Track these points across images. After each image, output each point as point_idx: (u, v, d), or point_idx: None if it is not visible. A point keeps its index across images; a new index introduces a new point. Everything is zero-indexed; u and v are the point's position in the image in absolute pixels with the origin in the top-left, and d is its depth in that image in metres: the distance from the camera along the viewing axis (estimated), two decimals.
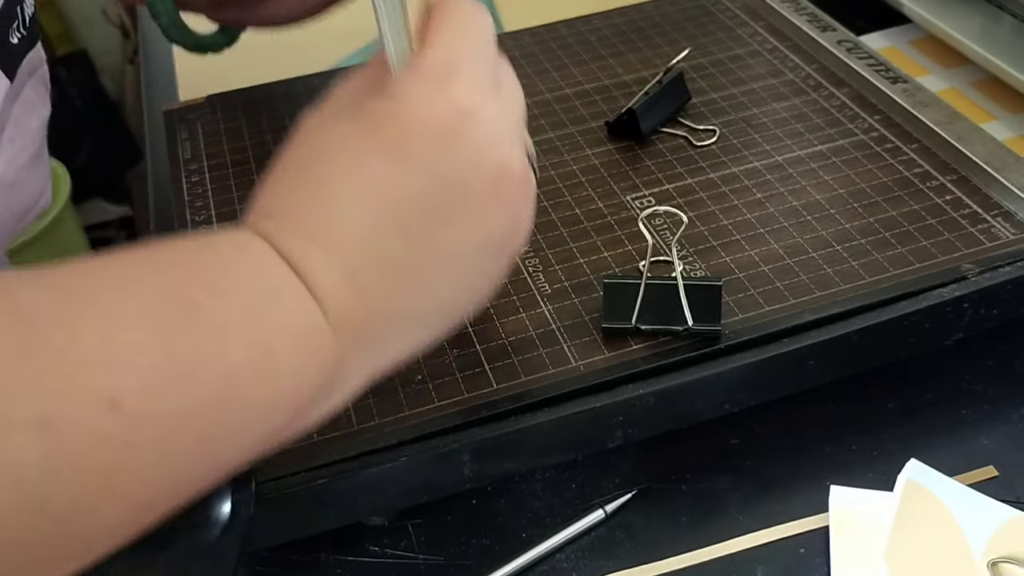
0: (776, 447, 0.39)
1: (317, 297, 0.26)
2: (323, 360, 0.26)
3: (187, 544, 0.30)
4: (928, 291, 0.38)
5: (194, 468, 0.25)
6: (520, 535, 0.36)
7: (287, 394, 0.26)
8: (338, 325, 0.26)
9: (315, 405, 0.27)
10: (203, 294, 0.24)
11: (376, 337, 0.28)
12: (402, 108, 0.28)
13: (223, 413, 0.24)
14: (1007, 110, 0.54)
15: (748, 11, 0.57)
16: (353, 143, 0.28)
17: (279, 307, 0.25)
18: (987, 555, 0.34)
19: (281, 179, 0.29)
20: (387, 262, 0.27)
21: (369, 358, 0.29)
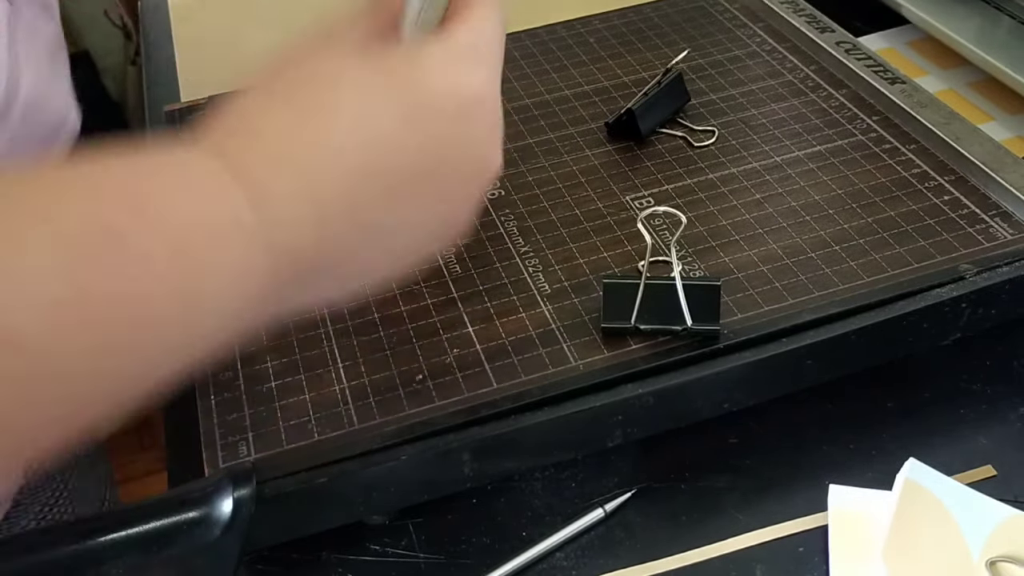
0: (775, 446, 0.39)
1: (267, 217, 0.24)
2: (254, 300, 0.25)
3: (188, 543, 0.31)
4: (926, 291, 0.38)
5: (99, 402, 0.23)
6: (520, 534, 0.36)
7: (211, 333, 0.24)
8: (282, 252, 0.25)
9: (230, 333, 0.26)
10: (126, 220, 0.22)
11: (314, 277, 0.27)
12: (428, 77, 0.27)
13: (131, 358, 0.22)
14: (1005, 111, 0.54)
15: (747, 12, 0.58)
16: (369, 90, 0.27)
17: (215, 245, 0.23)
18: (985, 554, 0.34)
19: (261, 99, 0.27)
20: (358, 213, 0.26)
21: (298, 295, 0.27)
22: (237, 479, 0.32)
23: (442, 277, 0.41)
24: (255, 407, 0.36)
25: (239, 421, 0.35)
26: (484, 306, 0.39)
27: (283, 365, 0.37)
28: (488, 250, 0.42)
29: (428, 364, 0.37)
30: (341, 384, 0.36)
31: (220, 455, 0.34)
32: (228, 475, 0.32)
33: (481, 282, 0.40)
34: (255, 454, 0.34)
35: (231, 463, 0.34)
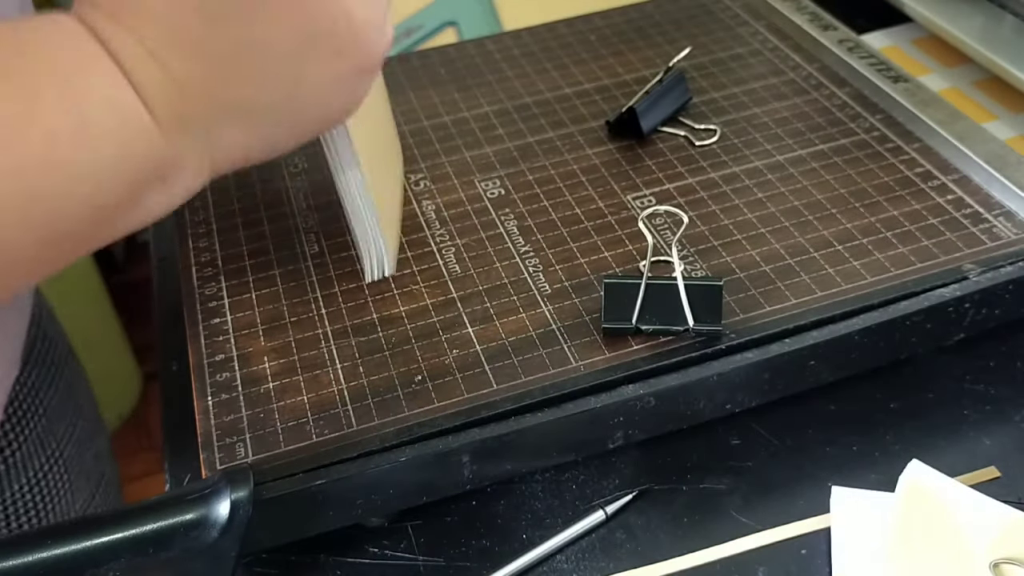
0: (777, 448, 0.39)
1: (124, 70, 0.26)
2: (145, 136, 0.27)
3: (185, 545, 0.30)
4: (930, 291, 0.38)
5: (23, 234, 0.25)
6: (520, 536, 0.36)
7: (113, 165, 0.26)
8: (152, 103, 0.27)
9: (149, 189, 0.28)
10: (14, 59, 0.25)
11: (201, 121, 0.28)
12: None
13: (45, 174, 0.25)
14: (1009, 109, 0.54)
15: (749, 10, 0.57)
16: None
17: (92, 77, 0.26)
18: (989, 556, 0.33)
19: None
20: (191, 45, 0.27)
21: (200, 146, 0.29)
22: (235, 481, 0.31)
23: (441, 277, 0.40)
24: (253, 408, 0.35)
25: (237, 422, 0.35)
26: (484, 306, 0.39)
27: (281, 366, 0.37)
28: (488, 250, 0.42)
29: (427, 365, 0.36)
30: (339, 385, 0.36)
31: (218, 456, 0.34)
32: (226, 477, 0.32)
33: (481, 282, 0.40)
34: (253, 456, 0.34)
35: (229, 465, 0.33)
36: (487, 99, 0.52)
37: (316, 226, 0.44)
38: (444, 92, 0.52)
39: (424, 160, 0.47)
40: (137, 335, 1.38)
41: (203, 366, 0.37)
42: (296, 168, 0.47)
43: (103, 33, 0.26)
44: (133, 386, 1.41)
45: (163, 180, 0.28)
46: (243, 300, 0.40)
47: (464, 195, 0.45)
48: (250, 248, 0.43)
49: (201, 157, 0.29)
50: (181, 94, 0.27)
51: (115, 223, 0.28)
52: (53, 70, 0.25)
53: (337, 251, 0.42)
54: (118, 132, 0.26)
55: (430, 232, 0.43)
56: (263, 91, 0.29)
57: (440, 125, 0.50)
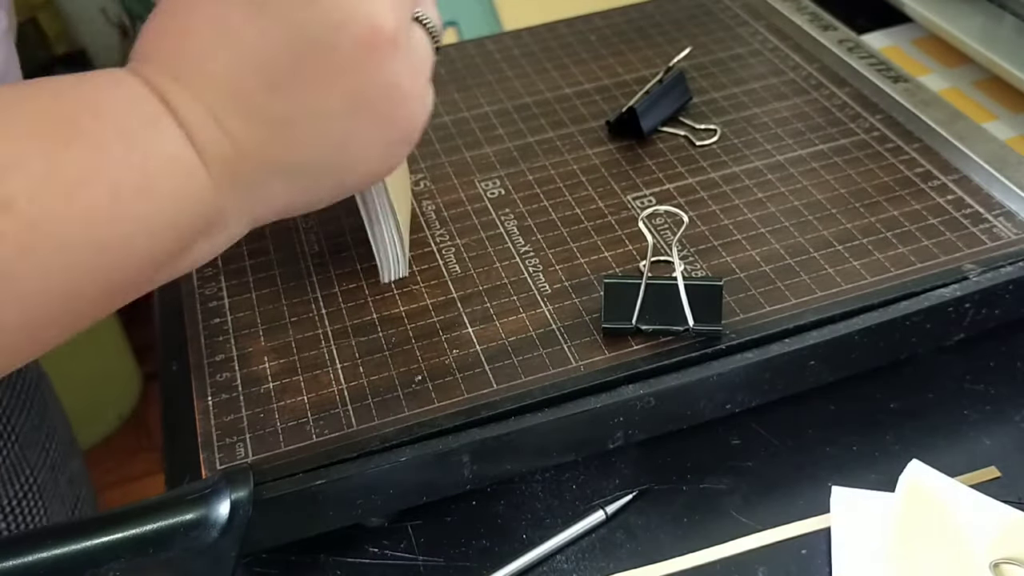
0: (777, 448, 0.39)
1: (185, 128, 0.28)
2: (199, 193, 0.28)
3: (185, 545, 0.30)
4: (930, 291, 0.38)
5: (86, 283, 0.26)
6: (520, 536, 0.36)
7: (168, 220, 0.28)
8: (208, 160, 0.28)
9: (198, 239, 0.29)
10: (84, 116, 0.26)
11: (251, 181, 0.29)
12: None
13: (111, 228, 0.26)
14: (1009, 109, 0.54)
15: (749, 10, 0.57)
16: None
17: (154, 133, 0.27)
18: (989, 556, 0.33)
19: (155, 26, 0.30)
20: (251, 110, 0.28)
21: (247, 201, 0.30)
22: (235, 481, 0.31)
23: (441, 277, 0.40)
24: (253, 408, 0.35)
25: (237, 422, 0.35)
26: (484, 306, 0.39)
27: (281, 366, 0.37)
28: (488, 250, 0.42)
29: (427, 365, 0.36)
30: (339, 385, 0.36)
31: (217, 456, 0.34)
32: (225, 477, 0.32)
33: (481, 282, 0.40)
34: (253, 456, 0.34)
35: (228, 465, 0.33)
36: (487, 99, 0.52)
37: (316, 226, 0.44)
38: (444, 92, 0.52)
39: (424, 160, 0.47)
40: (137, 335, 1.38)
41: (203, 366, 0.37)
42: None
43: (166, 94, 0.28)
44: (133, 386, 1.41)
45: (210, 232, 0.30)
46: (243, 300, 0.40)
47: (464, 195, 0.45)
48: (250, 248, 0.43)
49: (247, 210, 0.30)
50: (236, 154, 0.29)
51: (163, 271, 0.29)
52: (119, 127, 0.27)
53: (337, 251, 0.42)
54: (177, 188, 0.28)
55: (430, 232, 0.43)
56: (312, 153, 0.30)
57: (440, 125, 0.50)
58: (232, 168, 0.29)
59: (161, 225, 0.27)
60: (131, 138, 0.27)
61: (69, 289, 0.26)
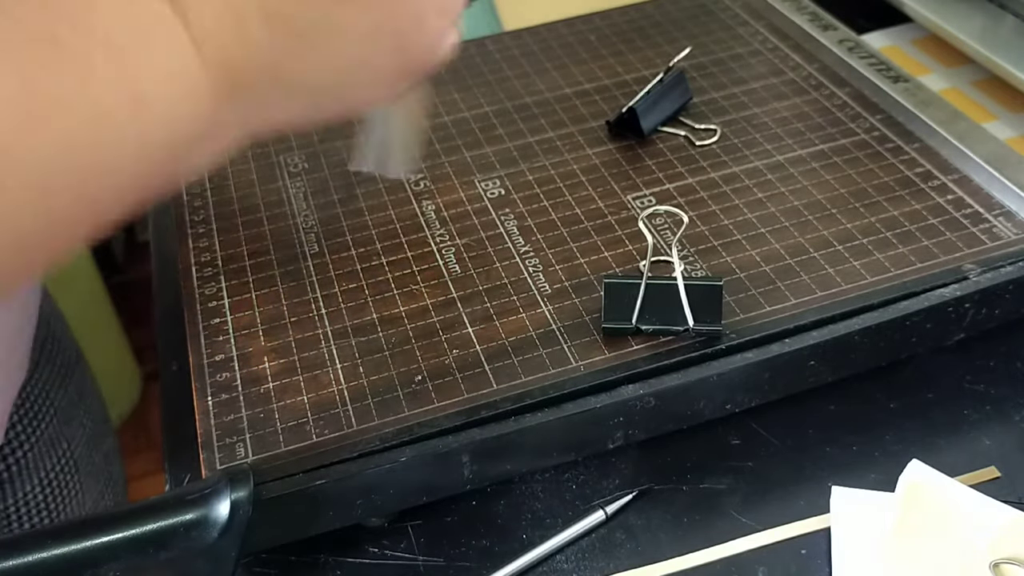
0: (777, 448, 0.39)
1: (194, 34, 0.25)
2: (197, 104, 0.26)
3: (185, 545, 0.30)
4: (930, 291, 0.38)
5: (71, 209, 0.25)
6: (520, 536, 0.36)
7: (160, 137, 0.25)
8: (214, 66, 0.26)
9: (190, 151, 0.27)
10: (66, 30, 0.23)
11: (255, 91, 0.28)
12: None
13: (94, 154, 0.24)
14: (1009, 109, 0.54)
15: (749, 10, 0.57)
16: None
17: (150, 46, 0.25)
18: (989, 556, 0.33)
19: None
20: (274, 15, 0.27)
21: (246, 111, 0.28)
22: (235, 481, 0.31)
23: (441, 277, 0.40)
24: (252, 408, 0.35)
25: (236, 422, 0.35)
26: (484, 306, 0.39)
27: (281, 366, 0.37)
28: (488, 250, 0.42)
29: (427, 365, 0.36)
30: (339, 385, 0.36)
31: (217, 457, 0.34)
32: (225, 477, 0.32)
33: (481, 282, 0.40)
34: (253, 456, 0.34)
35: (228, 465, 0.33)
36: (487, 99, 0.52)
37: (316, 226, 0.44)
38: (444, 92, 0.52)
39: (424, 160, 0.47)
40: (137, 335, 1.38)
41: (203, 366, 0.37)
42: (296, 168, 0.47)
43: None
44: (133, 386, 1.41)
45: (204, 145, 0.28)
46: (243, 300, 0.40)
47: (464, 195, 0.45)
48: (250, 248, 0.43)
49: (243, 122, 0.29)
50: (245, 61, 0.27)
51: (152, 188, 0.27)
52: (109, 39, 0.24)
53: (337, 251, 0.42)
54: (173, 108, 0.25)
55: (430, 232, 0.43)
56: (323, 71, 0.29)
57: (440, 125, 0.50)
58: (236, 76, 0.27)
59: (151, 146, 0.25)
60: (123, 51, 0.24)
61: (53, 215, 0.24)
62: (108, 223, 0.26)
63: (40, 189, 0.23)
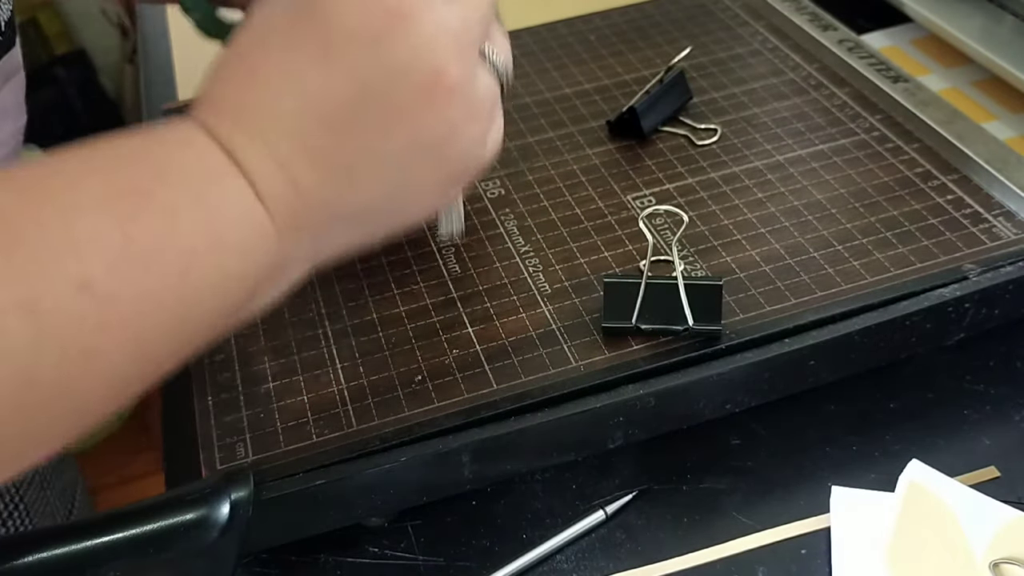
0: (777, 448, 0.39)
1: (252, 183, 0.28)
2: (266, 244, 0.28)
3: (185, 545, 0.30)
4: (929, 291, 0.38)
5: (163, 345, 0.27)
6: (520, 536, 0.36)
7: (238, 273, 0.28)
8: (274, 210, 0.28)
9: (263, 288, 0.29)
10: (153, 183, 0.26)
11: (314, 227, 0.30)
12: (334, 7, 0.28)
13: (182, 291, 0.26)
14: (1008, 109, 0.54)
15: (749, 10, 0.57)
16: (285, 37, 0.29)
17: (221, 193, 0.27)
18: (989, 556, 0.33)
19: (222, 68, 0.30)
20: (317, 156, 0.28)
21: (309, 247, 0.30)
22: (235, 481, 0.31)
23: (441, 277, 0.40)
24: (253, 408, 0.35)
25: (237, 422, 0.35)
26: (484, 306, 0.39)
27: (281, 366, 0.37)
28: (488, 250, 0.42)
29: (427, 365, 0.36)
30: (340, 385, 0.36)
31: (218, 457, 0.34)
32: (226, 477, 0.32)
33: (481, 282, 0.40)
34: (253, 456, 0.34)
35: (229, 465, 0.33)
36: None
37: None
38: None
39: None
40: None
41: (203, 366, 0.37)
42: None
43: (231, 145, 0.28)
44: None
45: (275, 278, 0.30)
46: None
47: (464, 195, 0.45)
48: None
49: (309, 254, 0.31)
50: (300, 201, 0.28)
51: (230, 320, 0.29)
52: (188, 191, 0.27)
53: None
54: (245, 243, 0.28)
55: (430, 232, 0.43)
56: (371, 196, 0.30)
57: None
58: (296, 215, 0.29)
59: (230, 281, 0.28)
60: (200, 200, 0.27)
61: (146, 352, 0.26)
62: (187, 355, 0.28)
63: (135, 327, 0.25)
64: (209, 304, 0.28)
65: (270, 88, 0.28)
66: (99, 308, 0.24)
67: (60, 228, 0.24)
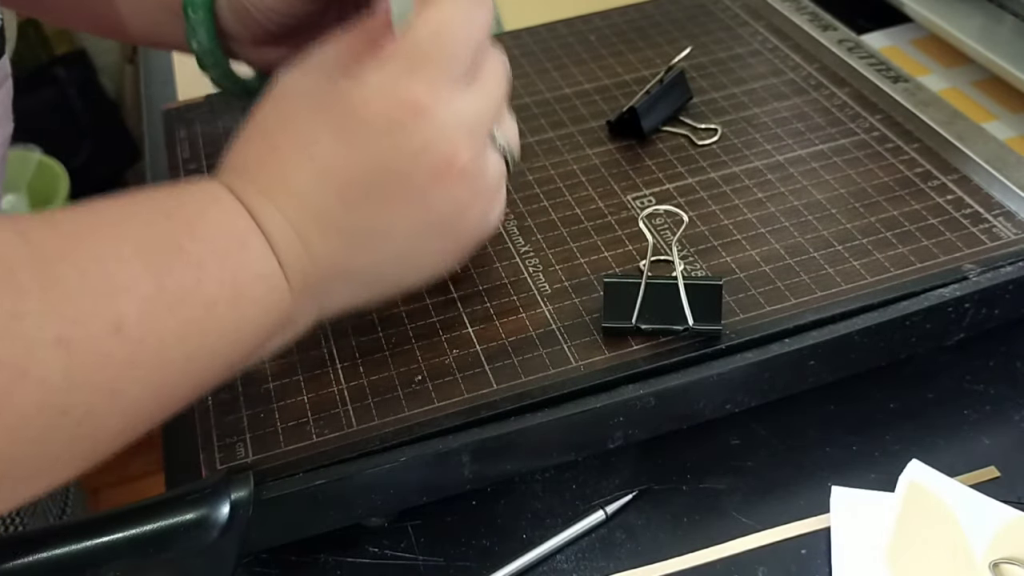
0: (777, 447, 0.39)
1: (272, 245, 0.30)
2: (279, 300, 0.31)
3: (185, 545, 0.30)
4: (929, 291, 0.38)
5: (180, 386, 0.29)
6: (520, 536, 0.36)
7: (252, 326, 0.30)
8: (289, 270, 0.31)
9: (271, 339, 0.32)
10: (184, 238, 0.28)
11: (321, 287, 0.32)
12: (357, 95, 0.31)
13: (203, 339, 0.28)
14: (1008, 109, 0.54)
15: (749, 10, 0.57)
16: (310, 115, 0.31)
17: (245, 252, 0.30)
18: (988, 556, 0.34)
19: (249, 140, 0.33)
20: (329, 226, 0.31)
21: (315, 304, 0.33)
22: (235, 481, 0.31)
23: (441, 277, 0.40)
24: (253, 408, 0.35)
25: (237, 422, 0.35)
26: (484, 306, 0.39)
27: (281, 366, 0.37)
28: (488, 250, 0.42)
29: (427, 365, 0.36)
30: (340, 385, 0.36)
31: (218, 456, 0.34)
32: (226, 477, 0.32)
33: (481, 282, 0.40)
34: (253, 455, 0.34)
35: (229, 464, 0.33)
36: None
37: None
38: None
39: None
40: None
41: None
42: None
43: (253, 207, 0.30)
44: None
45: (284, 331, 0.32)
46: None
47: None
48: None
49: (315, 310, 0.33)
50: (313, 264, 0.31)
51: (239, 367, 0.31)
52: (215, 247, 0.29)
53: None
54: (261, 299, 0.30)
55: None
56: (377, 262, 0.33)
57: None
58: (307, 276, 0.31)
59: (245, 331, 0.30)
60: (225, 257, 0.29)
61: (164, 391, 0.28)
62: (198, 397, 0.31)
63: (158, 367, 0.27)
64: (225, 351, 0.30)
65: (291, 159, 0.31)
66: (128, 348, 0.26)
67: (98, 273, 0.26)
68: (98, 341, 0.26)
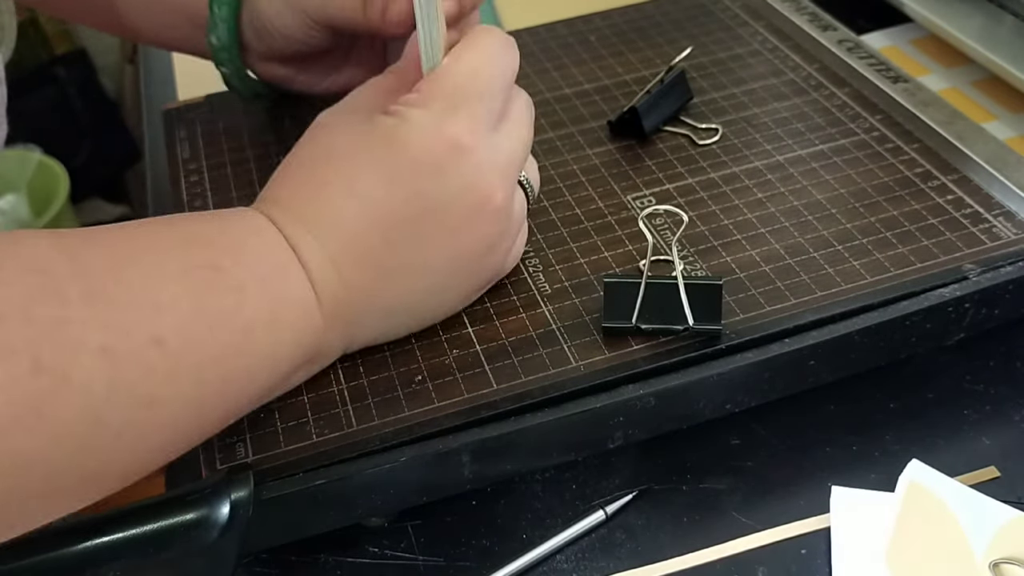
0: (777, 448, 0.39)
1: (309, 275, 0.31)
2: (313, 329, 0.32)
3: (185, 545, 0.30)
4: (929, 291, 0.38)
5: (217, 407, 0.30)
6: (520, 536, 0.36)
7: (287, 350, 0.31)
8: (323, 301, 0.32)
9: (303, 368, 0.33)
10: (226, 262, 0.30)
11: (353, 320, 0.33)
12: (401, 132, 0.32)
13: (239, 360, 0.29)
14: (1008, 109, 0.54)
15: (749, 10, 0.57)
16: (352, 151, 0.33)
17: (284, 280, 0.31)
18: (989, 556, 0.34)
19: (290, 173, 0.34)
20: (367, 261, 0.32)
21: (346, 335, 0.34)
22: (235, 481, 0.31)
23: None
24: None
25: (237, 422, 0.35)
26: (484, 306, 0.39)
27: None
28: None
29: (427, 365, 0.36)
30: (340, 385, 0.36)
31: (218, 456, 0.34)
32: (226, 477, 0.32)
33: None
34: (253, 455, 0.34)
35: (229, 464, 0.33)
36: None
37: None
38: None
39: None
40: None
41: None
42: None
43: (292, 238, 0.32)
44: None
45: (313, 361, 0.34)
46: None
47: None
48: None
49: (345, 343, 0.34)
50: (347, 296, 0.32)
51: (270, 395, 0.33)
52: (255, 272, 0.30)
53: None
54: (297, 326, 0.31)
55: None
56: (409, 298, 0.34)
57: None
58: (340, 308, 0.32)
59: (279, 357, 0.31)
60: (264, 282, 0.30)
61: (200, 413, 0.29)
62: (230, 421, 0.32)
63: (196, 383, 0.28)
64: (260, 375, 0.31)
65: (334, 195, 0.32)
66: (168, 363, 0.27)
67: (142, 289, 0.27)
68: (140, 353, 0.26)
